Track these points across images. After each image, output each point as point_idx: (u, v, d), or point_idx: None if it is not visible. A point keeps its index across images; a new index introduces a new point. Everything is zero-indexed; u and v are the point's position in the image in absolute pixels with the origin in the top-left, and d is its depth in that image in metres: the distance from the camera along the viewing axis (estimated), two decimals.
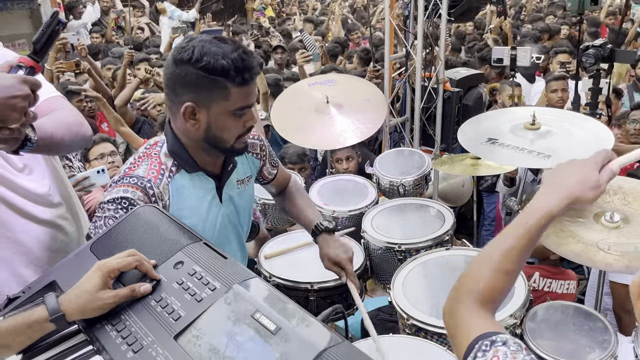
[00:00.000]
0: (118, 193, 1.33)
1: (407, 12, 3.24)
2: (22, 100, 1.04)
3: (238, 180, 1.56)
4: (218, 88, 1.30)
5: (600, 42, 3.06)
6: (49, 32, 1.08)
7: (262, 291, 1.00)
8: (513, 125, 2.22)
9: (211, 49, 1.27)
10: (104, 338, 0.98)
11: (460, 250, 2.10)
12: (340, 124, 2.81)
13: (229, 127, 1.37)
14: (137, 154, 1.45)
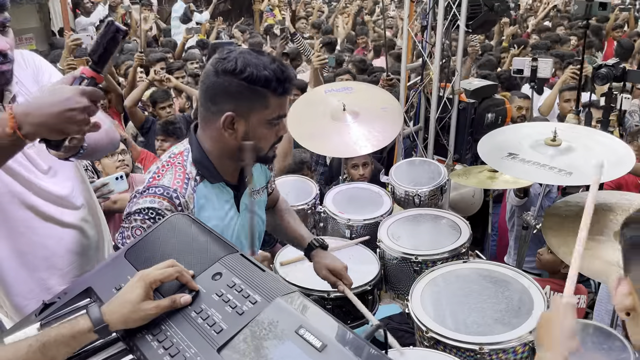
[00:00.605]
0: (145, 204, 1.33)
1: (426, 23, 3.26)
2: (80, 112, 1.06)
3: (253, 190, 1.60)
4: (259, 98, 1.33)
5: (613, 62, 3.08)
6: (105, 42, 1.09)
7: (304, 306, 1.00)
8: (534, 141, 2.23)
9: (252, 60, 1.31)
10: (145, 348, 0.99)
11: (476, 264, 2.11)
12: (356, 132, 2.81)
13: (265, 136, 1.40)
14: (160, 163, 1.45)
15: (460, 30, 3.10)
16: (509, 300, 1.86)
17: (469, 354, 1.71)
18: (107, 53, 1.10)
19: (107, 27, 1.08)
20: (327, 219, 2.69)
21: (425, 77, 3.37)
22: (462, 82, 3.46)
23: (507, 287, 1.93)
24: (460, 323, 1.79)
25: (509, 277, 1.98)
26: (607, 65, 3.06)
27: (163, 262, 1.07)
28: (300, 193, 2.79)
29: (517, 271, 2.01)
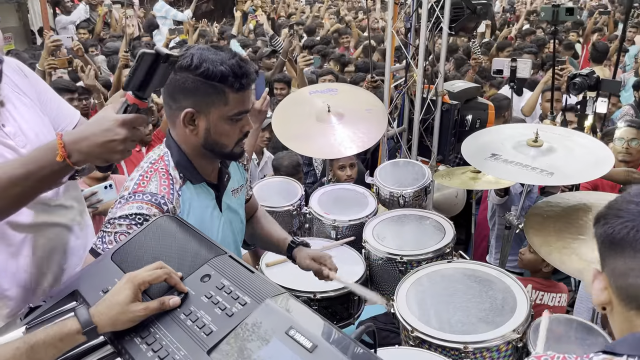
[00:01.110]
0: (132, 209, 1.31)
1: (409, 25, 3.29)
2: (120, 143, 1.12)
3: (233, 189, 1.60)
4: (217, 94, 1.34)
5: (587, 71, 3.16)
6: (143, 71, 1.10)
7: (293, 307, 1.01)
8: (516, 142, 2.27)
9: (209, 56, 1.31)
10: (133, 351, 0.98)
11: (461, 264, 2.13)
12: (341, 134, 2.83)
13: (228, 132, 1.40)
14: (142, 170, 1.43)
15: (444, 33, 3.14)
16: (492, 299, 1.89)
17: (454, 353, 1.73)
18: (147, 79, 1.11)
19: (138, 60, 1.09)
20: (312, 220, 2.70)
21: (409, 79, 3.40)
22: (445, 84, 3.50)
23: (491, 286, 1.96)
24: (444, 322, 1.81)
25: (493, 277, 2.01)
26: (582, 74, 3.13)
27: (151, 264, 1.06)
28: (286, 194, 2.79)
29: (501, 271, 2.04)
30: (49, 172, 1.13)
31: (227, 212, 1.58)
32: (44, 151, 1.13)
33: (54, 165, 1.12)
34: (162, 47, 1.09)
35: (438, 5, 3.11)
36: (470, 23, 3.21)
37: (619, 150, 3.14)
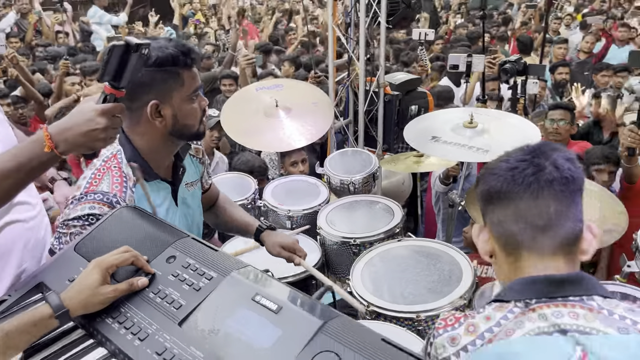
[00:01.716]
0: (84, 210, 1.32)
1: (349, 20, 3.41)
2: (102, 132, 1.17)
3: (187, 183, 1.64)
4: (173, 78, 1.39)
5: (515, 58, 3.41)
6: (115, 62, 1.14)
7: (257, 277, 1.08)
8: (454, 125, 2.43)
9: (153, 46, 1.35)
10: (106, 330, 1.02)
11: (410, 241, 2.27)
12: (290, 127, 2.90)
13: (192, 112, 1.45)
14: (94, 168, 1.44)
15: (382, 27, 3.28)
16: (440, 271, 2.03)
17: (408, 323, 1.85)
18: (121, 69, 1.16)
19: (109, 52, 1.13)
20: (267, 212, 2.76)
21: (351, 73, 3.53)
22: (386, 76, 3.65)
23: (439, 260, 2.09)
24: (397, 295, 1.93)
25: (440, 252, 2.15)
26: (510, 61, 3.38)
27: (117, 249, 1.11)
28: (239, 189, 2.84)
29: (448, 245, 2.19)
30: (38, 163, 1.17)
31: (183, 206, 1.61)
32: (31, 144, 1.17)
33: (42, 157, 1.16)
34: (132, 38, 1.13)
35: (375, 0, 3.25)
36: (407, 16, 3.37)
37: (549, 130, 3.41)
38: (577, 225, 0.99)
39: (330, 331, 0.91)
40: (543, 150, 1.01)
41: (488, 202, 1.05)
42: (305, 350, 0.89)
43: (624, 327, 0.89)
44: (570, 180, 0.98)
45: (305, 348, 0.89)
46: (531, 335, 0.91)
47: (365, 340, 0.89)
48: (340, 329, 0.92)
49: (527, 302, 0.96)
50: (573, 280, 0.96)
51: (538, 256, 0.99)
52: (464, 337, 0.96)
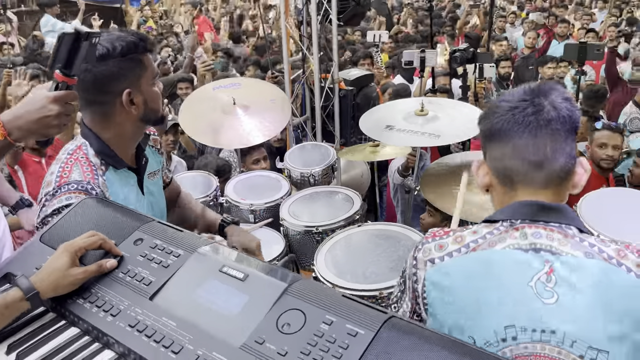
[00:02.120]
0: (61, 202, 1.34)
1: (301, 18, 3.49)
2: (55, 118, 1.20)
3: (149, 173, 1.67)
4: (137, 64, 1.44)
5: (464, 47, 3.57)
6: (66, 50, 1.17)
7: (224, 251, 1.13)
8: (406, 113, 2.54)
9: (112, 37, 1.41)
10: (77, 310, 1.05)
11: (370, 226, 2.36)
12: (249, 124, 2.96)
13: (156, 95, 1.51)
14: (61, 162, 1.45)
15: (333, 24, 3.37)
16: (399, 251, 2.13)
17: (372, 300, 1.93)
18: (72, 57, 1.18)
19: (59, 40, 1.16)
20: (229, 208, 2.80)
21: (306, 70, 3.61)
22: (341, 72, 3.75)
23: (398, 241, 2.19)
24: (360, 276, 2.01)
25: (399, 234, 2.25)
26: (460, 49, 3.54)
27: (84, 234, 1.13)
28: (201, 187, 2.87)
29: (406, 227, 2.30)
30: None
31: (148, 195, 1.65)
32: None
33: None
34: (82, 26, 1.17)
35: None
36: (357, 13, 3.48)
37: None
38: (570, 161, 1.09)
39: (294, 292, 0.97)
40: (543, 90, 1.10)
41: (489, 140, 1.13)
42: (272, 310, 0.95)
43: (590, 253, 1.02)
44: (567, 120, 1.07)
45: (272, 309, 0.95)
46: (509, 249, 1.05)
47: (327, 297, 0.96)
48: (304, 289, 0.98)
49: (512, 222, 1.08)
50: (556, 209, 1.08)
51: (532, 188, 1.09)
52: (451, 245, 1.09)
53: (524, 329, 1.00)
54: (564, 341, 0.98)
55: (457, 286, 1.06)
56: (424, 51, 3.60)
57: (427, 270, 1.10)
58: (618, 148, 2.98)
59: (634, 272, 1.00)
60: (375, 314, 0.91)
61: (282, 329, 0.91)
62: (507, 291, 1.02)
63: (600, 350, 0.97)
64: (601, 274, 1.00)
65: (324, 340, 0.87)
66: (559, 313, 0.99)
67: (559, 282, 1.00)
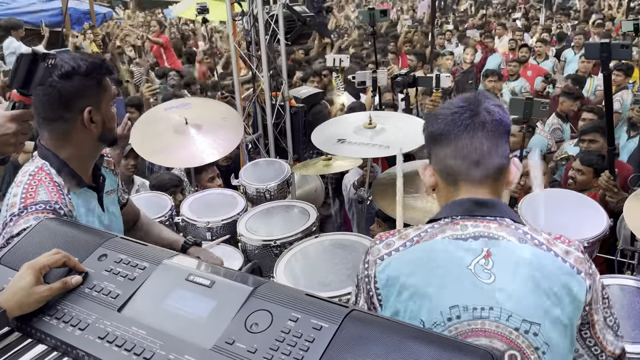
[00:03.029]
0: (28, 222, 1.33)
1: (249, 38, 3.56)
2: (12, 136, 1.22)
3: (107, 191, 1.70)
4: (99, 84, 1.48)
5: (405, 71, 3.77)
6: (24, 71, 1.20)
7: (189, 262, 1.17)
8: (355, 127, 2.65)
9: (74, 56, 1.46)
10: (44, 327, 1.06)
11: (326, 236, 2.43)
12: (202, 142, 2.97)
13: (113, 116, 1.56)
14: (23, 184, 1.43)
15: (281, 43, 3.47)
16: (356, 259, 2.20)
17: None
18: (29, 77, 1.21)
19: (17, 61, 1.20)
20: (186, 227, 2.81)
21: (256, 88, 3.67)
22: (291, 90, 3.84)
23: (354, 249, 2.28)
24: (321, 284, 2.08)
25: (354, 242, 2.34)
26: (401, 74, 3.72)
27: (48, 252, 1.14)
28: (155, 207, 2.85)
29: (360, 236, 2.39)
30: None
31: (108, 213, 1.67)
32: None
33: None
34: (40, 48, 1.20)
35: (273, 19, 3.44)
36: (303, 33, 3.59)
37: None
38: (503, 160, 1.23)
39: (260, 294, 1.03)
40: (478, 98, 1.24)
41: (432, 142, 1.25)
42: (239, 313, 0.99)
43: (523, 239, 1.16)
44: (499, 122, 1.21)
45: (240, 311, 1.00)
46: (449, 238, 1.16)
47: (292, 297, 1.02)
48: (269, 291, 1.03)
49: (453, 217, 1.20)
50: (492, 204, 1.21)
51: (471, 185, 1.22)
52: (397, 242, 1.20)
53: (465, 308, 1.12)
54: (500, 316, 1.11)
55: (405, 275, 1.16)
56: (375, 72, 3.76)
57: (376, 268, 1.20)
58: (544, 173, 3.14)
59: (561, 257, 1.15)
60: (338, 308, 0.98)
61: (250, 328, 0.96)
62: (449, 275, 1.14)
63: (533, 323, 1.10)
64: (532, 256, 1.14)
65: (291, 335, 0.93)
66: (496, 291, 1.11)
67: (496, 264, 1.13)
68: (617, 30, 10.56)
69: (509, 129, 1.25)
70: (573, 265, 1.15)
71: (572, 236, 2.14)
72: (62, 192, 1.45)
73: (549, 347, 1.11)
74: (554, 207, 2.42)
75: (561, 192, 2.72)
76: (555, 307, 1.12)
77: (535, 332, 1.10)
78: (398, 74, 3.76)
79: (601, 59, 2.32)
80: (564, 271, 1.14)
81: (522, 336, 1.10)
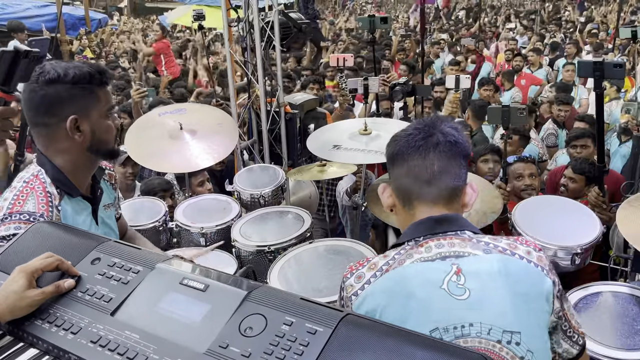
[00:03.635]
0: (9, 230, 1.34)
1: (245, 45, 3.57)
2: None
3: (104, 205, 1.69)
4: (90, 94, 1.46)
5: (404, 80, 3.81)
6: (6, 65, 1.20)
7: (183, 265, 1.17)
8: (350, 133, 2.66)
9: (67, 65, 1.44)
10: (36, 331, 1.05)
11: (321, 242, 2.43)
12: (196, 148, 2.96)
13: (108, 128, 1.53)
14: (16, 190, 1.44)
15: (277, 50, 3.48)
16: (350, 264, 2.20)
17: None
18: (10, 74, 1.21)
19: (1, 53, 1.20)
20: (180, 233, 2.79)
21: (252, 94, 3.68)
22: (287, 96, 3.84)
23: (348, 255, 2.27)
24: (315, 290, 2.07)
25: (348, 248, 2.33)
26: (400, 83, 3.76)
27: (40, 255, 1.13)
28: (149, 212, 2.84)
29: (354, 241, 2.39)
30: None
31: (103, 226, 1.65)
32: None
33: None
34: (21, 45, 1.20)
35: (268, 25, 3.45)
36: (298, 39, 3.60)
37: None
38: (457, 181, 1.24)
39: (254, 298, 1.02)
40: (434, 121, 1.27)
41: (390, 163, 1.28)
42: (233, 317, 0.99)
43: (488, 249, 1.17)
44: (453, 144, 1.23)
45: (234, 315, 0.99)
46: (417, 262, 1.16)
47: (286, 301, 1.01)
48: (264, 295, 1.03)
49: (416, 239, 1.20)
50: (450, 219, 1.22)
51: (425, 204, 1.23)
52: (367, 273, 1.19)
53: (446, 329, 1.11)
54: (481, 331, 1.10)
55: (382, 307, 1.15)
56: (367, 79, 3.78)
57: (353, 304, 1.19)
58: (534, 176, 3.15)
59: (525, 258, 1.17)
60: (332, 312, 0.98)
61: (244, 332, 0.95)
62: (423, 299, 1.13)
63: (513, 332, 1.10)
64: (500, 264, 1.15)
65: (285, 339, 0.93)
66: (472, 306, 1.11)
67: (468, 279, 1.13)
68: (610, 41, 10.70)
69: (466, 152, 1.27)
70: (537, 264, 1.17)
71: (567, 242, 2.18)
72: (52, 204, 1.44)
73: (533, 354, 1.11)
74: (548, 213, 2.43)
75: (554, 199, 2.74)
76: (531, 310, 1.13)
77: (517, 341, 1.10)
78: (397, 83, 3.78)
79: (594, 77, 2.32)
80: (531, 272, 1.16)
81: (505, 348, 1.10)
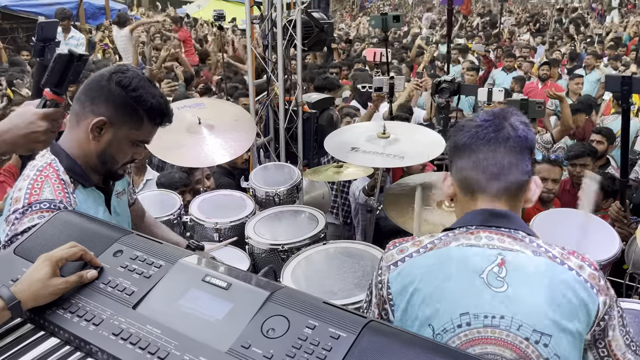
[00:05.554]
0: (32, 221, 1.34)
1: (267, 42, 3.57)
2: (42, 134, 1.25)
3: (117, 192, 1.69)
4: (136, 118, 1.45)
5: (450, 78, 3.65)
6: (59, 71, 1.24)
7: (205, 261, 1.16)
8: (368, 136, 2.65)
9: (146, 85, 1.43)
10: (58, 320, 1.05)
11: (334, 244, 2.42)
12: (214, 143, 2.98)
13: (124, 152, 1.51)
14: (30, 180, 1.43)
15: (298, 49, 3.48)
16: (364, 268, 2.20)
17: None
18: (63, 77, 1.25)
19: (55, 61, 1.23)
20: (194, 227, 2.80)
21: (271, 92, 3.68)
22: (303, 95, 3.84)
23: (362, 258, 2.27)
24: (328, 292, 2.07)
25: (362, 251, 2.33)
26: (446, 80, 3.58)
27: (64, 244, 1.14)
28: (164, 205, 2.85)
29: (368, 245, 2.38)
30: None
31: (115, 215, 1.65)
32: None
33: None
34: (75, 49, 1.21)
35: (291, 24, 3.45)
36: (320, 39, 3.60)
37: None
38: (524, 176, 1.23)
39: (277, 300, 1.02)
40: (503, 113, 1.26)
41: (455, 153, 1.27)
42: (256, 317, 0.99)
43: (537, 252, 1.17)
44: (522, 139, 1.22)
45: (256, 315, 0.99)
46: (463, 246, 1.17)
47: (309, 304, 1.01)
48: (286, 297, 1.03)
49: (468, 227, 1.21)
50: (507, 216, 1.21)
51: (488, 197, 1.23)
52: (410, 248, 1.21)
53: (476, 315, 1.12)
54: (511, 325, 1.11)
55: (418, 281, 1.17)
56: (392, 78, 3.74)
57: (390, 274, 1.22)
58: (557, 182, 3.12)
59: (575, 270, 1.16)
60: (356, 318, 0.97)
61: (267, 333, 0.95)
62: (461, 282, 1.14)
63: (544, 334, 1.10)
64: (546, 268, 1.14)
65: (308, 343, 0.92)
66: (508, 300, 1.12)
67: (509, 273, 1.14)
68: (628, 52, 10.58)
69: (533, 146, 1.26)
70: (587, 280, 1.15)
71: None
72: (67, 191, 1.44)
73: (559, 359, 1.11)
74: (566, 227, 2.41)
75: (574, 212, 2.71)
76: (567, 320, 1.12)
77: (545, 343, 1.11)
78: (444, 80, 3.60)
79: (622, 92, 2.32)
80: (578, 284, 1.14)
81: (532, 346, 1.11)
